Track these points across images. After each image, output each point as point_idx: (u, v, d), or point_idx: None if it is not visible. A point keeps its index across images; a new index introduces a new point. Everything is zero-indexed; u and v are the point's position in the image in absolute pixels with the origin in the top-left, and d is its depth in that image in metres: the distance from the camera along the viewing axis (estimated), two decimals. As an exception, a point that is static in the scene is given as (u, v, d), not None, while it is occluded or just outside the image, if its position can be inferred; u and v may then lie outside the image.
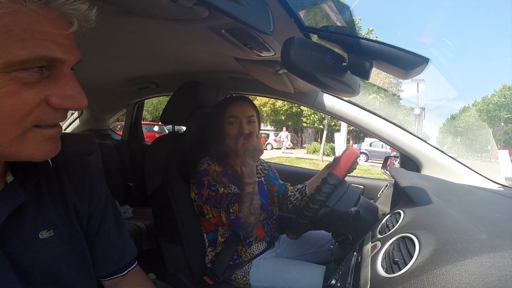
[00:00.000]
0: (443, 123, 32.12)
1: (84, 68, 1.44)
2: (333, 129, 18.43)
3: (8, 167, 0.46)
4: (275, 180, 1.27)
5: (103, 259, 0.57)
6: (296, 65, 0.50)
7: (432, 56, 1.70)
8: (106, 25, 0.81)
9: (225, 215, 0.95)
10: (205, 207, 1.00)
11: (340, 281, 0.59)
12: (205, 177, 1.01)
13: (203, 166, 1.02)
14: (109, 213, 0.58)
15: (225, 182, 1.02)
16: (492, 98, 28.90)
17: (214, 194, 0.98)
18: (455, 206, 0.61)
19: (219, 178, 1.01)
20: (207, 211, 1.00)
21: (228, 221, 0.95)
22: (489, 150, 20.37)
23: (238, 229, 0.95)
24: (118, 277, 0.60)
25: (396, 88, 17.98)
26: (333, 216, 0.86)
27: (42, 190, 0.49)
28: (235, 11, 0.45)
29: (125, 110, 2.19)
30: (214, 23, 0.69)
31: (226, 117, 1.09)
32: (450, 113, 30.89)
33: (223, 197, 0.97)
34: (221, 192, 0.98)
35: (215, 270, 1.05)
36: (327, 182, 0.81)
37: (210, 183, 1.00)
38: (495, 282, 0.30)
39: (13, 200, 0.43)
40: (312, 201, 0.81)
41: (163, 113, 1.27)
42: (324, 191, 0.81)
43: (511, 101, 27.36)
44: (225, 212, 0.95)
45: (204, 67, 1.28)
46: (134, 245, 0.64)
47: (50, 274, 0.47)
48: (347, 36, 0.54)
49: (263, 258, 1.10)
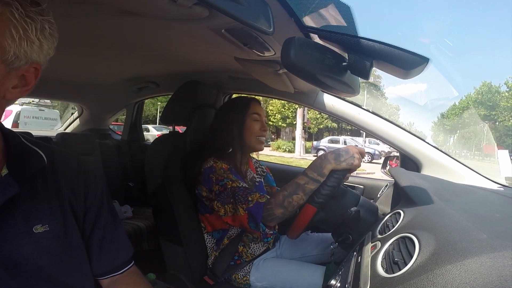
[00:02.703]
0: (434, 121, 32.39)
1: (84, 68, 1.44)
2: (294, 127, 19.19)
3: (4, 161, 0.47)
4: (273, 183, 1.29)
5: (99, 256, 0.58)
6: (296, 65, 0.50)
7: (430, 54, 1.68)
8: (106, 25, 0.81)
9: (242, 206, 0.89)
10: (216, 204, 0.97)
11: (340, 281, 0.59)
12: (212, 174, 0.99)
13: (209, 164, 1.01)
14: (104, 211, 0.59)
15: (232, 178, 0.98)
16: (471, 96, 29.19)
17: (222, 190, 0.96)
18: (455, 206, 0.61)
19: (226, 174, 0.99)
20: (218, 208, 0.97)
21: (246, 212, 0.89)
22: (481, 149, 20.47)
23: (258, 217, 0.87)
24: (115, 276, 0.61)
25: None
26: (333, 216, 0.86)
27: (37, 185, 0.49)
28: (235, 11, 0.45)
29: (125, 110, 2.19)
30: (214, 23, 0.69)
31: (250, 113, 1.10)
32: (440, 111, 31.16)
33: (235, 190, 0.93)
34: (230, 186, 0.95)
35: (215, 270, 1.05)
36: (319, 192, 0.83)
37: (217, 179, 0.98)
38: (495, 282, 0.30)
39: (4, 192, 0.44)
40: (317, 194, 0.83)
41: (163, 113, 1.27)
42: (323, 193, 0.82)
43: (487, 98, 27.59)
44: (241, 203, 0.90)
45: (204, 67, 1.28)
46: (130, 244, 0.64)
47: (42, 269, 0.47)
48: (347, 36, 0.54)
49: (264, 258, 1.10)
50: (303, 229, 0.86)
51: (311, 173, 0.85)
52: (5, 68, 0.42)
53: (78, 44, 1.00)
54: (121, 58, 1.24)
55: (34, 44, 0.43)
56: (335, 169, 0.83)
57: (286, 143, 17.54)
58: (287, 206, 0.85)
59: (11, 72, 0.43)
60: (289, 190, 0.85)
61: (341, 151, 0.85)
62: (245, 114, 1.10)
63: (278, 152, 16.30)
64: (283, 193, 0.86)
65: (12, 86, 0.45)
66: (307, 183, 0.84)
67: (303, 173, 0.86)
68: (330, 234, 0.94)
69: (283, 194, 0.86)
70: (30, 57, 0.44)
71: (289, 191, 0.85)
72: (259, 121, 1.12)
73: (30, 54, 0.44)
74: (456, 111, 29.51)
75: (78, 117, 2.25)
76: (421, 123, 40.73)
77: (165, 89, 1.71)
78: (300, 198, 0.85)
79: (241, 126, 1.09)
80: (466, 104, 29.21)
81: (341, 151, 0.85)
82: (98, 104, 2.08)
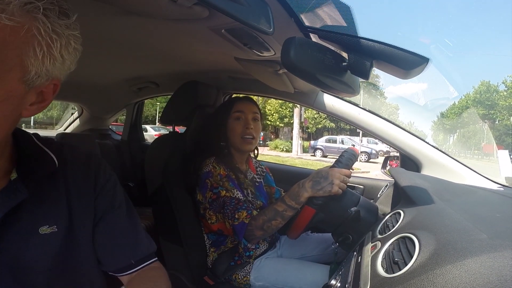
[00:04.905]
0: (433, 121, 32.46)
1: (84, 68, 1.44)
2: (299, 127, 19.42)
3: (13, 164, 0.46)
4: (273, 183, 1.29)
5: (112, 252, 0.56)
6: (296, 65, 0.50)
7: (430, 54, 1.70)
8: (106, 25, 0.81)
9: (229, 221, 0.94)
10: (208, 212, 1.00)
11: (340, 281, 0.59)
12: (208, 179, 1.00)
13: (208, 168, 1.01)
14: (116, 206, 0.57)
15: (227, 187, 0.99)
16: (470, 95, 29.38)
17: (215, 197, 0.97)
18: (455, 206, 0.61)
19: (222, 182, 1.00)
20: (209, 216, 1.00)
21: (231, 227, 0.94)
22: (481, 148, 20.52)
23: (240, 235, 0.92)
24: (134, 272, 0.58)
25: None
26: (333, 216, 0.86)
27: (45, 186, 0.49)
28: (235, 11, 0.45)
29: (125, 110, 2.19)
30: (214, 23, 0.69)
31: (232, 112, 1.09)
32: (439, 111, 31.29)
33: (226, 201, 0.96)
34: (223, 196, 0.97)
35: (215, 270, 1.05)
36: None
37: (212, 185, 0.99)
38: (495, 282, 0.30)
39: (13, 198, 0.43)
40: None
41: (163, 113, 1.27)
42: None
43: (486, 97, 27.74)
44: (229, 218, 0.94)
45: (204, 67, 1.28)
46: (151, 240, 0.62)
47: (53, 269, 0.47)
48: (347, 36, 0.54)
49: (264, 258, 1.09)
50: (303, 230, 0.87)
51: (289, 200, 0.88)
52: (24, 88, 0.39)
53: (78, 44, 1.00)
54: (121, 58, 1.24)
55: (57, 61, 0.40)
56: (312, 196, 0.84)
57: (284, 142, 17.62)
58: (266, 230, 0.90)
59: (31, 90, 0.41)
60: (269, 215, 0.89)
61: (320, 177, 0.84)
62: (227, 115, 1.09)
63: (275, 151, 16.39)
64: (263, 217, 0.90)
65: (30, 104, 0.42)
66: (285, 211, 0.88)
67: (281, 200, 0.89)
68: (330, 235, 0.94)
69: (263, 218, 0.90)
70: (51, 74, 0.41)
71: (268, 216, 0.89)
72: (242, 119, 1.09)
73: (52, 71, 0.41)
74: (456, 110, 29.66)
75: (78, 117, 2.24)
76: (421, 122, 40.89)
77: (165, 89, 1.71)
78: (278, 223, 0.89)
79: (224, 128, 1.09)
80: (465, 103, 29.37)
81: (320, 177, 0.84)
82: (98, 104, 2.07)
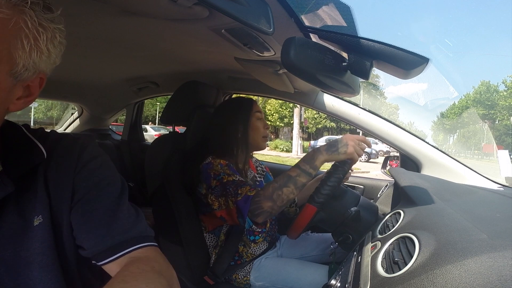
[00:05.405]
0: (433, 121, 32.52)
1: (84, 68, 1.44)
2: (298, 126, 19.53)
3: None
4: None
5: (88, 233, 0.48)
6: (296, 65, 0.50)
7: (430, 54, 1.70)
8: (106, 25, 0.81)
9: (232, 199, 0.88)
10: (210, 197, 0.96)
11: (340, 281, 0.59)
12: (210, 169, 0.99)
13: (207, 160, 1.02)
14: (102, 185, 0.51)
15: (229, 172, 0.97)
16: (470, 95, 29.50)
17: (218, 184, 0.95)
18: (455, 206, 0.61)
19: (222, 170, 0.98)
20: (211, 201, 0.96)
21: (235, 206, 0.87)
22: (480, 148, 20.55)
23: (244, 211, 0.83)
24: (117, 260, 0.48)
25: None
26: (333, 216, 0.86)
27: (32, 177, 0.47)
28: (235, 11, 0.45)
29: (125, 110, 2.19)
30: (214, 23, 0.69)
31: (253, 112, 1.12)
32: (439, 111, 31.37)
33: (228, 183, 0.93)
34: (225, 180, 0.94)
35: (215, 270, 1.05)
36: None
37: (215, 174, 0.97)
38: (495, 282, 0.30)
39: None
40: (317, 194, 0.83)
41: (163, 113, 1.27)
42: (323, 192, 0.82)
43: (485, 97, 27.82)
44: (231, 196, 0.88)
45: (204, 67, 1.28)
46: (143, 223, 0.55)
47: (46, 261, 0.46)
48: (347, 36, 0.54)
49: (264, 257, 1.10)
50: (303, 229, 0.86)
51: (304, 165, 0.83)
52: (12, 81, 0.40)
53: (78, 44, 1.00)
54: (121, 58, 1.24)
55: (43, 54, 0.41)
56: (328, 160, 0.82)
57: (284, 142, 17.65)
58: (276, 200, 0.82)
59: (18, 84, 0.41)
60: (280, 182, 0.82)
61: (334, 141, 0.85)
62: (250, 114, 1.11)
63: (275, 151, 16.41)
64: (273, 185, 0.83)
65: (17, 98, 0.42)
66: (299, 176, 0.82)
67: (295, 165, 0.85)
68: (330, 234, 0.94)
69: (273, 186, 0.83)
70: (38, 67, 0.42)
71: (280, 183, 0.82)
72: (262, 120, 1.14)
73: (39, 64, 0.41)
74: (456, 110, 29.71)
75: (78, 117, 2.25)
76: (421, 122, 40.94)
77: (165, 89, 1.71)
78: (290, 191, 0.81)
79: (247, 125, 1.10)
80: (465, 103, 29.45)
81: (334, 141, 0.85)
82: (98, 104, 2.08)
